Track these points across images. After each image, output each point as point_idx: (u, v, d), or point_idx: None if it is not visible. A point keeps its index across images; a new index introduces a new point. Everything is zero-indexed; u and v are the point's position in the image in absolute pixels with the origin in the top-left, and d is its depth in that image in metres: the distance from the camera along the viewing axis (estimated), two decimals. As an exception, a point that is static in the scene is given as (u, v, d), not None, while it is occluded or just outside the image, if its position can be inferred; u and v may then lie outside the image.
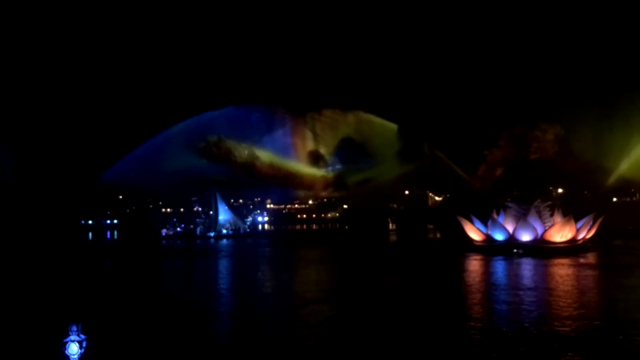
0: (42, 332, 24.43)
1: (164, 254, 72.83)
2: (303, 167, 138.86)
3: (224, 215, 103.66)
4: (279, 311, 30.99)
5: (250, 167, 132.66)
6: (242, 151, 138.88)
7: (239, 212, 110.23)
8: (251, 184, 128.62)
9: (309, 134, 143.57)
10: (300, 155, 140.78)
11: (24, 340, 24.16)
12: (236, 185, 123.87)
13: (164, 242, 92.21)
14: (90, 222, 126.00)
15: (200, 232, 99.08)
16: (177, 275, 52.31)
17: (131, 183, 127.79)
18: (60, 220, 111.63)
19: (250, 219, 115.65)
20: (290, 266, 54.65)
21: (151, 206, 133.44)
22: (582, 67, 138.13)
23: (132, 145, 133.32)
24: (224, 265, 59.36)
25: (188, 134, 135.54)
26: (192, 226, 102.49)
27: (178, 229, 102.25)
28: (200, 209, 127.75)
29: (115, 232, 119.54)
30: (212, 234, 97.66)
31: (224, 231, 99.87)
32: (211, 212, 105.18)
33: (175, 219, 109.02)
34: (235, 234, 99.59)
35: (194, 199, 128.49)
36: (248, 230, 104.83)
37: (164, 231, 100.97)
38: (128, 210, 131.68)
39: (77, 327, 15.15)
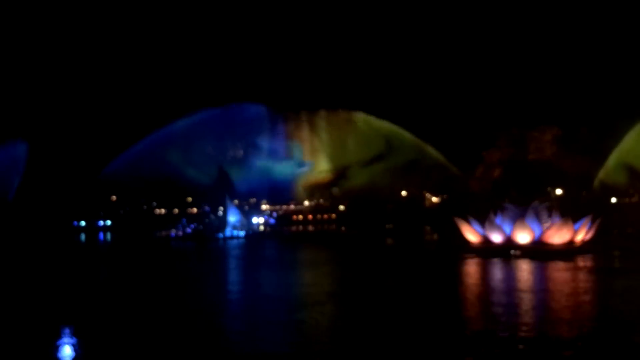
0: (35, 334, 23.88)
1: (160, 255, 72.36)
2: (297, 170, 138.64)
3: (233, 216, 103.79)
4: (278, 314, 30.47)
5: None
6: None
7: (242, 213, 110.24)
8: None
9: (306, 135, 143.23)
10: (297, 156, 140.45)
11: (17, 343, 23.55)
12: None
13: (173, 243, 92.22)
14: (82, 223, 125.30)
15: (209, 233, 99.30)
16: (174, 277, 51.51)
17: (125, 183, 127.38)
18: (53, 221, 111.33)
19: (259, 220, 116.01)
20: (288, 268, 54.42)
21: (145, 207, 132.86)
22: (581, 67, 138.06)
23: (124, 145, 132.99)
24: (223, 266, 59.05)
25: (182, 134, 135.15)
26: (201, 227, 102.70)
27: (187, 229, 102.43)
28: (195, 209, 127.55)
29: (109, 234, 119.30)
30: (221, 235, 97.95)
31: (234, 232, 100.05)
32: (220, 214, 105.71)
33: (184, 220, 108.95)
34: (245, 234, 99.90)
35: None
36: (258, 231, 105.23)
37: (172, 232, 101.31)
38: (121, 212, 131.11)
39: (70, 330, 15.08)
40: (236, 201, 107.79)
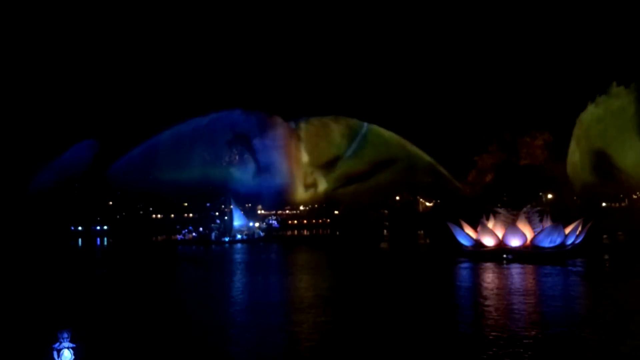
0: (32, 339, 24.37)
1: (156, 260, 72.65)
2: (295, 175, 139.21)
3: (238, 220, 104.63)
4: (273, 317, 31.04)
5: None
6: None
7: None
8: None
9: (301, 141, 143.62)
10: (292, 162, 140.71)
11: (15, 347, 24.05)
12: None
13: (179, 247, 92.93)
14: (80, 228, 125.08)
15: (215, 237, 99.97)
16: (171, 282, 51.95)
17: (122, 189, 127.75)
18: (50, 226, 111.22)
19: (264, 224, 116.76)
20: (283, 272, 54.85)
21: (141, 212, 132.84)
22: (572, 73, 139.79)
23: (122, 151, 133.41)
24: (219, 271, 59.32)
25: (176, 140, 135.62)
26: (207, 231, 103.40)
27: (194, 234, 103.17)
28: (191, 215, 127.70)
29: (105, 239, 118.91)
30: (227, 239, 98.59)
31: (238, 236, 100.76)
32: (226, 218, 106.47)
33: (190, 225, 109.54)
34: (250, 239, 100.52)
35: (208, 204, 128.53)
36: (262, 235, 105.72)
37: (179, 236, 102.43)
38: (118, 217, 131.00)
39: (68, 334, 15.22)
40: (231, 206, 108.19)
